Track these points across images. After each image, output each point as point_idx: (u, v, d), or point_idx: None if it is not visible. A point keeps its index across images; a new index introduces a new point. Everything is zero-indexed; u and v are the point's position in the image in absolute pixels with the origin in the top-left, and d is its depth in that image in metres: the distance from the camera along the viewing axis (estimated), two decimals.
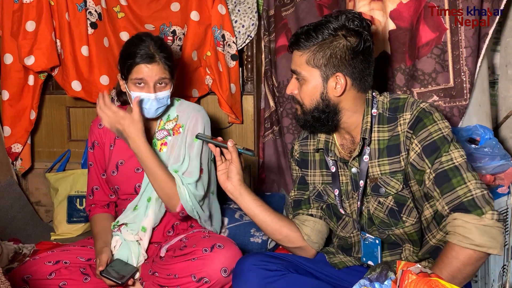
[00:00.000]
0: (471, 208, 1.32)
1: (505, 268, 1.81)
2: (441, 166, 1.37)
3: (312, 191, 1.65)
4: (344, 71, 1.43)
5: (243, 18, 2.55)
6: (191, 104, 2.00)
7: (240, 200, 1.60)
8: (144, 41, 1.80)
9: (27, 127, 2.65)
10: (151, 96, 1.78)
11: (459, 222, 1.32)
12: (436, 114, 1.41)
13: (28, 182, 2.79)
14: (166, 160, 1.88)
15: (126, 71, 1.80)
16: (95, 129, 1.98)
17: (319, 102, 1.46)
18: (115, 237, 1.87)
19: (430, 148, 1.38)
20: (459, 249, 1.31)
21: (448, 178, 1.36)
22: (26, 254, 2.18)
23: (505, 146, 2.12)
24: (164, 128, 1.92)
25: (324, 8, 2.39)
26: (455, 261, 1.31)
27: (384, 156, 1.46)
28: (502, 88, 2.24)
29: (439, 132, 1.39)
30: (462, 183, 1.35)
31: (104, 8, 2.52)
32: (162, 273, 1.75)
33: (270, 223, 1.61)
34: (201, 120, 1.91)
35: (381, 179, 1.46)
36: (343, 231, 1.60)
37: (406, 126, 1.42)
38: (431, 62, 1.94)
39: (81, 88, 2.57)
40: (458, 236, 1.32)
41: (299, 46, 1.45)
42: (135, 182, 1.90)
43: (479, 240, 1.29)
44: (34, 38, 2.47)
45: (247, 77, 2.64)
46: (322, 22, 1.44)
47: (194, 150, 1.88)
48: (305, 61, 1.44)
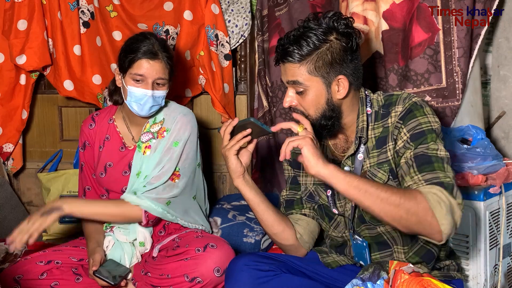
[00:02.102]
0: (448, 190, 1.29)
1: (497, 267, 1.82)
2: (426, 150, 1.35)
3: (304, 191, 1.65)
4: (345, 73, 1.43)
5: (237, 17, 2.55)
6: (179, 107, 1.97)
7: (252, 186, 1.56)
8: (149, 39, 1.80)
9: (18, 127, 2.63)
10: (148, 92, 1.77)
11: (436, 191, 1.29)
12: (427, 108, 1.42)
13: (20, 182, 2.77)
14: (149, 163, 1.86)
15: (127, 64, 1.77)
16: (85, 129, 1.96)
17: (325, 109, 1.45)
18: (108, 237, 1.86)
19: (417, 136, 1.38)
20: (425, 202, 1.27)
21: (431, 161, 1.34)
22: (18, 254, 2.16)
23: (497, 146, 2.13)
24: (149, 131, 1.90)
25: (317, 8, 2.39)
26: (413, 202, 1.27)
27: (374, 149, 1.47)
28: (494, 88, 2.25)
29: (428, 124, 1.39)
30: (442, 170, 1.33)
31: (96, 7, 2.51)
32: (154, 273, 1.74)
33: (271, 213, 1.58)
34: (188, 126, 1.88)
35: (369, 171, 1.47)
36: (335, 231, 1.60)
37: (396, 118, 1.43)
38: (423, 62, 1.95)
39: (73, 88, 2.55)
40: (432, 197, 1.28)
41: (294, 58, 1.42)
42: (123, 184, 1.89)
43: (443, 213, 1.26)
44: (26, 37, 2.45)
45: (240, 77, 2.64)
46: (306, 30, 1.42)
47: (174, 155, 1.85)
48: (306, 71, 1.42)
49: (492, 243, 1.80)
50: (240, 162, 1.54)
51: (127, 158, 1.91)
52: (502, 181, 1.82)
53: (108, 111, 1.99)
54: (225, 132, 1.53)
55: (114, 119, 1.95)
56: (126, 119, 1.94)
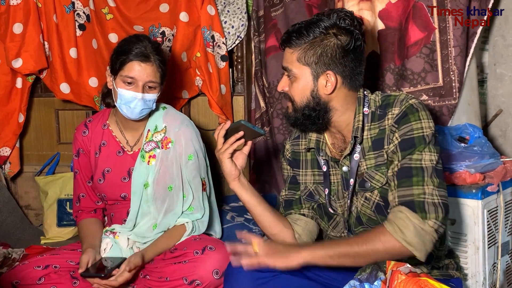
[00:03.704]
0: (417, 210, 1.34)
1: (495, 266, 1.82)
2: (409, 162, 1.39)
3: (304, 190, 1.65)
4: (334, 69, 1.43)
5: (233, 19, 2.54)
6: (178, 114, 1.96)
7: (248, 188, 1.57)
8: (142, 41, 1.78)
9: (15, 130, 2.62)
10: (138, 95, 1.75)
11: (402, 216, 1.35)
12: (423, 112, 1.42)
13: (17, 185, 2.76)
14: (154, 173, 1.85)
15: (118, 66, 1.76)
16: (79, 136, 1.94)
17: (309, 100, 1.46)
18: (106, 239, 1.82)
19: (406, 143, 1.40)
20: (389, 236, 1.33)
21: (410, 175, 1.38)
22: (16, 258, 2.16)
23: (494, 145, 2.13)
24: (152, 139, 1.88)
25: (313, 8, 2.39)
26: (379, 244, 1.34)
27: (371, 151, 1.47)
28: (490, 86, 2.26)
29: (420, 131, 1.40)
30: (420, 184, 1.37)
31: (92, 10, 2.51)
32: (153, 276, 1.74)
33: (269, 215, 1.59)
34: (193, 141, 1.89)
35: (367, 174, 1.47)
36: (333, 231, 1.60)
37: (392, 121, 1.43)
38: (420, 61, 1.95)
39: (69, 91, 2.54)
40: (395, 227, 1.34)
41: (291, 44, 1.46)
42: (121, 191, 1.88)
43: (411, 238, 1.32)
44: (21, 40, 2.45)
45: (237, 78, 2.64)
46: (314, 20, 1.45)
47: (193, 171, 1.87)
48: (296, 58, 1.45)
49: (491, 241, 1.80)
50: (234, 165, 1.54)
51: (125, 163, 1.89)
52: (499, 179, 1.82)
53: (101, 117, 1.97)
54: (218, 136, 1.54)
55: (108, 124, 1.94)
56: (120, 123, 1.92)
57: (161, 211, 1.85)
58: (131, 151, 1.90)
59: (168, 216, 1.86)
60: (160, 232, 1.86)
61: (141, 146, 1.88)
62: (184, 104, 2.60)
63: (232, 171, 1.54)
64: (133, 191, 1.85)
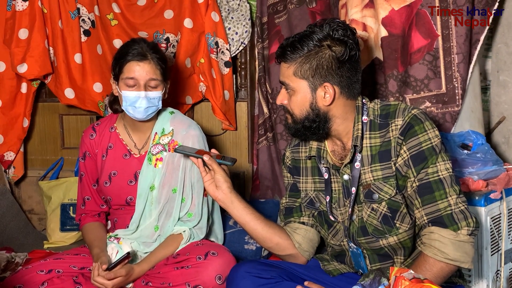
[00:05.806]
0: (448, 223, 1.36)
1: (499, 273, 1.81)
2: (426, 177, 1.40)
3: (304, 198, 1.65)
4: (331, 80, 1.44)
5: (237, 25, 2.56)
6: (185, 119, 1.97)
7: (232, 208, 1.59)
8: (138, 42, 1.81)
9: (20, 135, 2.63)
10: (141, 94, 1.77)
11: (435, 236, 1.37)
12: (427, 123, 1.42)
13: (21, 190, 2.77)
14: (160, 176, 1.86)
15: (118, 70, 1.79)
16: (86, 139, 1.96)
17: (309, 112, 1.47)
18: (111, 245, 1.83)
19: (417, 158, 1.40)
20: (433, 261, 1.36)
21: (431, 190, 1.39)
22: (19, 263, 2.16)
23: (497, 152, 2.13)
24: (159, 142, 1.89)
25: (316, 15, 2.40)
26: (428, 273, 1.36)
27: (376, 162, 1.47)
28: (494, 93, 2.26)
29: (428, 142, 1.40)
30: (444, 197, 1.38)
31: (97, 16, 2.52)
32: (156, 282, 1.73)
33: (261, 231, 1.60)
34: (199, 144, 1.90)
35: (374, 185, 1.47)
36: (333, 239, 1.60)
37: (397, 132, 1.43)
38: (423, 68, 1.95)
39: (74, 96, 2.56)
40: (434, 250, 1.36)
41: (286, 59, 1.46)
42: (127, 194, 1.89)
43: (453, 254, 1.34)
44: (27, 45, 2.47)
45: (240, 84, 2.65)
46: (307, 33, 1.45)
47: (197, 174, 1.88)
48: (292, 73, 1.45)
49: (494, 249, 1.80)
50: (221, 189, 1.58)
51: (132, 166, 1.90)
52: (502, 186, 1.82)
53: (109, 120, 1.99)
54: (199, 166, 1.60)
55: (115, 127, 1.95)
56: (127, 126, 1.94)
57: (162, 213, 1.87)
58: (138, 154, 1.91)
59: (167, 219, 1.87)
60: (161, 236, 1.87)
61: (148, 149, 1.89)
62: (188, 110, 2.61)
63: (217, 196, 1.58)
64: (139, 194, 1.86)
